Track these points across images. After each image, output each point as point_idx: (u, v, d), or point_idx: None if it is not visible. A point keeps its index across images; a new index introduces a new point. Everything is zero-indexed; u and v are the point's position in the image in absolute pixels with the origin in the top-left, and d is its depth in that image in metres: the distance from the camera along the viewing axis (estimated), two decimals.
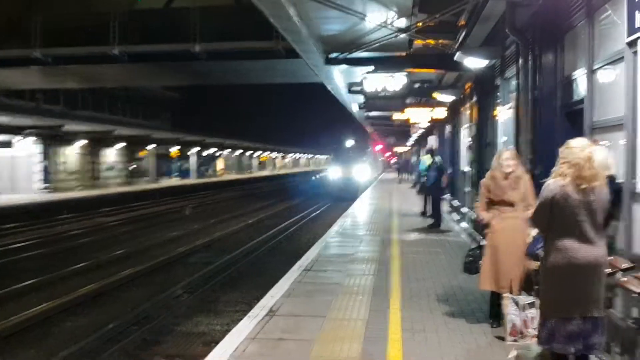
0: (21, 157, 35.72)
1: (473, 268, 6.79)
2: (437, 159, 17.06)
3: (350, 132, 49.00)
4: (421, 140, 40.33)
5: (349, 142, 46.62)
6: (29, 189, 35.70)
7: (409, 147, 52.88)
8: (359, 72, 15.62)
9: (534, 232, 5.42)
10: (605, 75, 6.52)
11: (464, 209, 16.39)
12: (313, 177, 67.84)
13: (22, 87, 29.22)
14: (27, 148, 35.92)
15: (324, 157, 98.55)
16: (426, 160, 19.29)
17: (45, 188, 36.49)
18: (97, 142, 43.42)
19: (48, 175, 37.39)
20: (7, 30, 21.40)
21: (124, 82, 32.04)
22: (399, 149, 65.98)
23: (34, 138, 35.62)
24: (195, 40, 19.54)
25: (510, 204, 6.17)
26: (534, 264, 5.54)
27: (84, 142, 40.82)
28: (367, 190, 34.23)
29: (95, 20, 21.46)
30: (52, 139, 37.47)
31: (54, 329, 10.19)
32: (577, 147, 4.45)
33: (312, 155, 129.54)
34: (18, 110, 29.13)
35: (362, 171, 42.97)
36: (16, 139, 34.27)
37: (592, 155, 4.43)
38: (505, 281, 6.06)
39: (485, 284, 6.28)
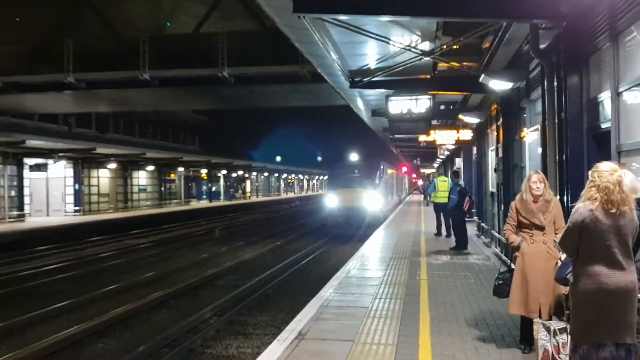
0: (54, 179, 36.40)
1: (503, 291, 6.70)
2: (461, 181, 17.02)
3: (354, 145, 34.10)
4: (447, 162, 40.10)
5: (351, 158, 31.55)
6: (61, 211, 36.32)
7: (435, 169, 52.42)
8: (381, 96, 15.67)
9: (563, 256, 5.35)
10: (631, 98, 6.45)
11: (493, 232, 16.24)
12: None
13: (55, 111, 29.88)
14: (60, 171, 36.61)
15: None
16: (438, 182, 19.32)
17: (76, 210, 37.09)
18: (128, 165, 44.09)
19: (80, 197, 38.00)
20: (39, 56, 21.92)
21: (154, 106, 32.52)
22: (426, 170, 65.72)
23: (66, 161, 36.33)
24: (222, 64, 19.80)
25: (540, 228, 6.11)
26: (564, 289, 5.46)
27: (115, 165, 41.48)
28: (387, 221, 27.32)
29: (125, 44, 21.89)
30: (84, 162, 38.16)
31: (84, 351, 10.30)
32: (606, 170, 4.41)
33: None
34: (51, 134, 29.75)
35: (370, 199, 29.27)
36: (50, 162, 34.98)
37: (622, 179, 4.40)
38: (534, 305, 5.98)
39: (514, 308, 6.20)
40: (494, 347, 6.52)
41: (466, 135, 21.78)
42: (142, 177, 47.92)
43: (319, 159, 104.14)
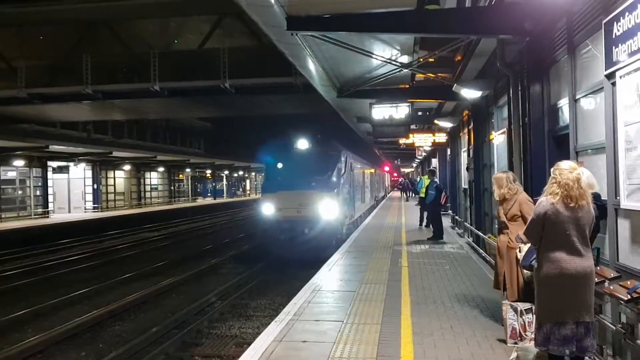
0: (75, 180, 36.18)
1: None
2: (436, 179, 17.04)
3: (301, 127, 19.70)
4: (424, 162, 40.18)
5: (297, 146, 18.27)
6: (81, 208, 36.10)
7: (414, 168, 52.43)
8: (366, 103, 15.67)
9: (525, 247, 5.36)
10: (587, 104, 6.46)
11: (466, 224, 16.29)
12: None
13: (75, 119, 29.64)
14: (80, 172, 36.39)
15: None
16: (424, 180, 19.28)
17: (95, 207, 36.88)
18: (141, 167, 43.89)
19: (98, 196, 37.79)
20: (60, 69, 21.80)
21: (164, 114, 32.34)
22: (406, 170, 65.75)
23: (85, 164, 36.10)
24: (224, 76, 19.72)
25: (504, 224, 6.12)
26: (529, 274, 5.46)
27: (129, 166, 41.28)
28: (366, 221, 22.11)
29: (137, 59, 21.77)
30: (102, 164, 37.94)
31: (103, 333, 10.22)
32: (566, 168, 4.42)
33: None
34: (72, 140, 29.59)
35: (327, 205, 16.93)
36: (71, 165, 34.78)
37: (580, 177, 4.41)
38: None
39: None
40: (469, 325, 6.49)
41: (441, 138, 21.87)
42: (153, 178, 47.76)
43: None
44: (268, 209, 17.03)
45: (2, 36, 22.83)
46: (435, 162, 30.68)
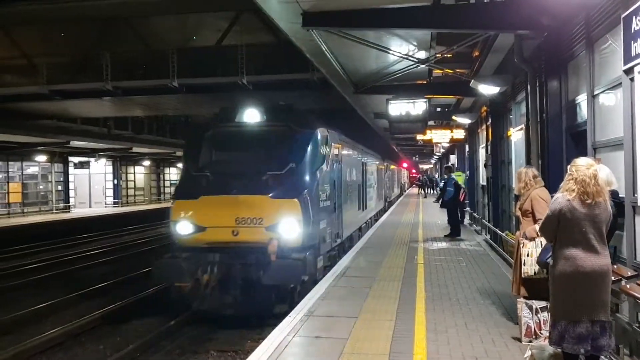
0: (95, 175, 36.67)
1: None
2: (454, 175, 16.87)
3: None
4: (443, 159, 39.93)
5: (243, 123, 10.31)
6: (102, 203, 36.58)
7: (432, 165, 52.10)
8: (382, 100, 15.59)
9: (529, 244, 5.37)
10: (605, 100, 6.37)
11: (484, 221, 16.16)
12: None
13: (96, 115, 29.96)
14: (101, 168, 36.86)
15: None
16: (457, 177, 18.90)
17: (115, 202, 37.33)
18: (160, 162, 44.29)
19: (118, 191, 38.24)
20: (80, 66, 22.04)
21: (182, 110, 32.51)
22: (425, 166, 65.35)
23: (106, 159, 36.54)
24: (242, 73, 19.77)
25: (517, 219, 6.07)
26: (537, 270, 5.45)
27: (149, 162, 41.68)
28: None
29: (156, 56, 21.92)
30: (122, 160, 38.37)
31: (122, 326, 10.33)
32: (583, 165, 4.38)
33: None
34: (93, 135, 29.96)
35: (286, 225, 9.22)
36: (91, 160, 35.24)
37: (597, 173, 4.36)
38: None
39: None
40: (483, 322, 6.46)
41: (459, 134, 21.68)
42: (172, 173, 48.12)
43: None
44: (182, 228, 9.65)
45: (25, 34, 23.16)
46: (453, 158, 30.46)
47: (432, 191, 43.38)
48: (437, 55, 11.69)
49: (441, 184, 20.00)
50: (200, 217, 9.51)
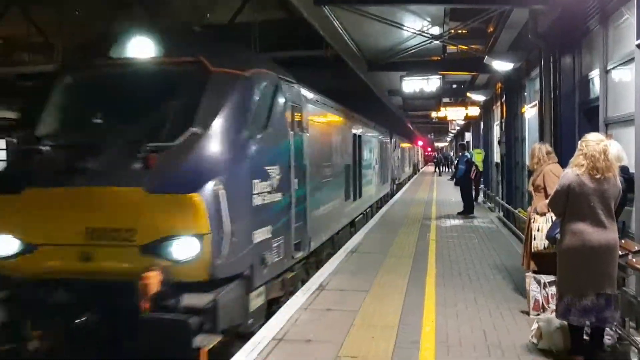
0: None
1: None
2: (467, 153, 16.81)
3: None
4: (458, 136, 39.71)
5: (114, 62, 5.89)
6: None
7: (448, 142, 51.82)
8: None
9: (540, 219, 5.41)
10: (617, 75, 6.34)
11: (497, 198, 16.15)
12: None
13: None
14: None
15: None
16: (474, 153, 18.85)
17: None
18: None
19: None
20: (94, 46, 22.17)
21: None
22: (440, 144, 64.99)
23: None
24: (255, 50, 19.76)
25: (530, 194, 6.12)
26: (546, 245, 5.52)
27: None
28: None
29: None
30: None
31: None
32: (593, 140, 4.42)
33: None
34: None
35: (182, 244, 4.82)
36: None
37: (607, 149, 4.39)
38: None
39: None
40: (492, 297, 6.53)
41: (474, 111, 21.52)
42: None
43: None
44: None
45: (41, 12, 23.34)
46: (468, 136, 30.30)
47: (447, 169, 43.29)
48: (451, 32, 11.62)
49: (455, 162, 19.95)
50: (25, 227, 5.23)
